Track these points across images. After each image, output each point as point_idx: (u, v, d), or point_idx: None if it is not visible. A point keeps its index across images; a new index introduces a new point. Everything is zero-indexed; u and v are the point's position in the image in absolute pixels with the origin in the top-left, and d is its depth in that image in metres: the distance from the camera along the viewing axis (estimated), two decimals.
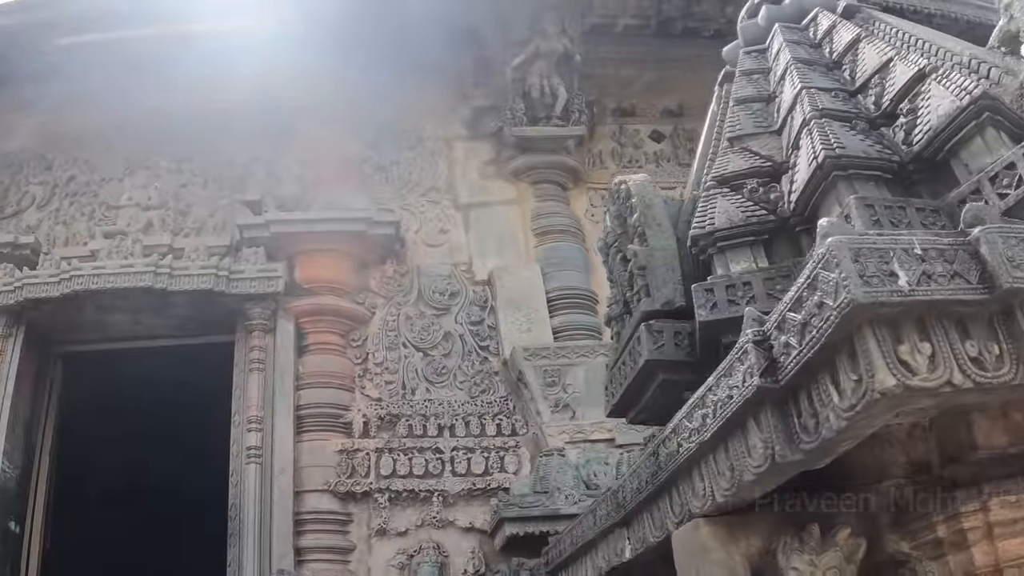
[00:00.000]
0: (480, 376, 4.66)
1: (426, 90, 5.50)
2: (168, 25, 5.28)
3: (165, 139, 5.34)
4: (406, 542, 4.37)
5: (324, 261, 4.76)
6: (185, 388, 5.24)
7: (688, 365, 2.22)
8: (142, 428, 6.02)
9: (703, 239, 2.21)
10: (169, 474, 6.10)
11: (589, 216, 5.23)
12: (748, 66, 2.89)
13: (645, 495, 1.96)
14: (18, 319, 4.92)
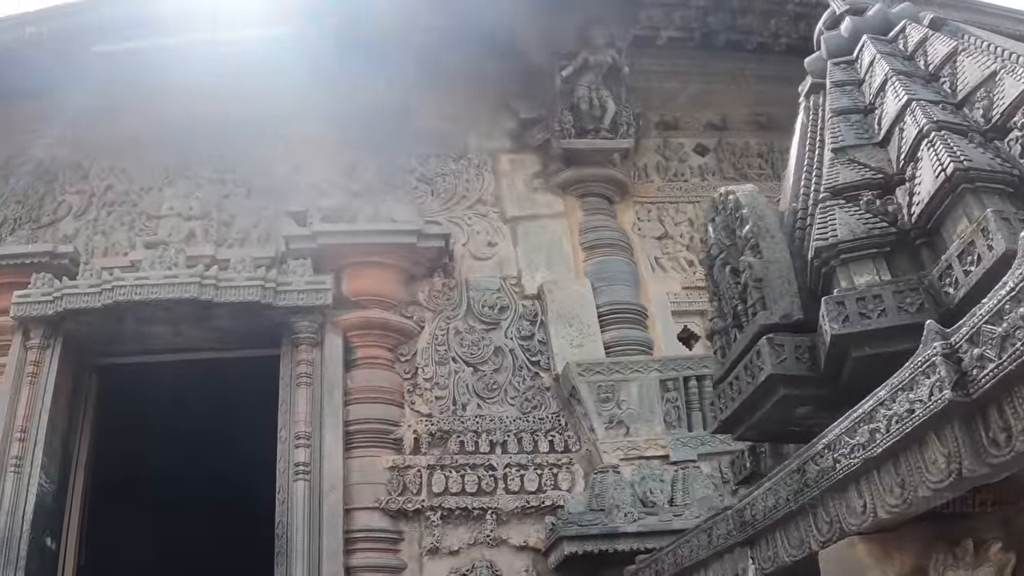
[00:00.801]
0: (531, 392, 4.62)
1: (469, 102, 5.52)
2: (207, 32, 5.28)
3: (205, 148, 5.32)
4: (458, 561, 4.30)
5: (372, 274, 4.73)
6: (226, 402, 5.18)
7: (808, 380, 2.20)
8: (180, 442, 5.94)
9: (826, 251, 2.19)
10: (208, 490, 6.01)
11: (636, 230, 5.23)
12: (839, 77, 2.89)
13: (784, 513, 1.93)
14: (56, 330, 4.85)
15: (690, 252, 5.19)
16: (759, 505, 2.06)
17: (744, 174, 5.53)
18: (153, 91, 5.32)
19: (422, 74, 5.51)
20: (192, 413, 5.66)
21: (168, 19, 5.26)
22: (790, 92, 6.23)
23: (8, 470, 4.54)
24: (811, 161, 2.79)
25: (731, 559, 2.23)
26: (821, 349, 2.15)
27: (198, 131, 5.33)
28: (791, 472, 1.93)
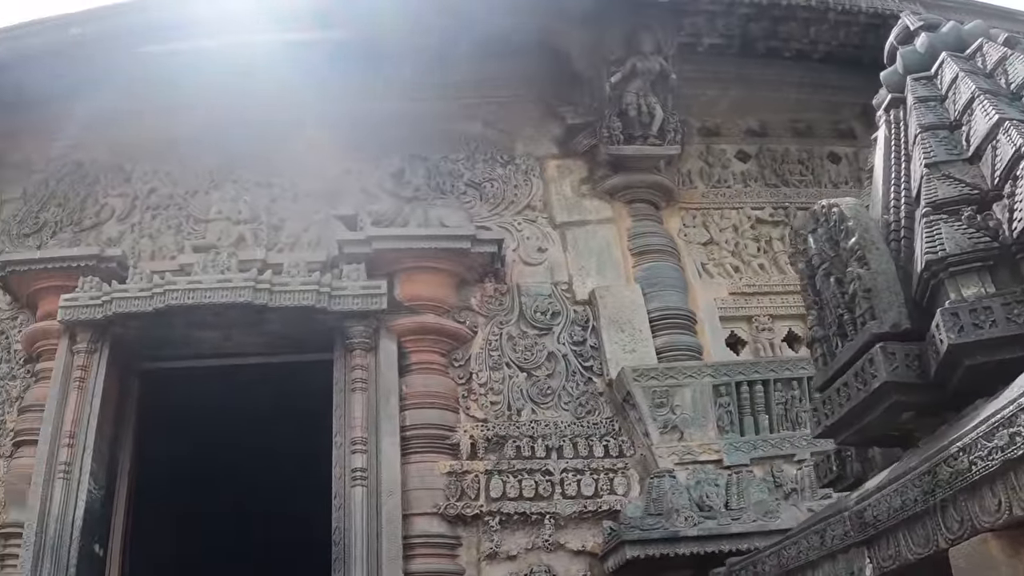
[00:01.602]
0: (585, 397, 4.77)
1: (514, 107, 5.67)
2: (251, 35, 5.37)
3: (249, 152, 5.41)
4: (516, 566, 4.43)
5: (425, 278, 4.85)
6: (273, 407, 5.27)
7: (917, 387, 2.36)
8: (225, 447, 6.01)
9: (935, 264, 2.35)
10: (254, 495, 6.09)
11: (682, 236, 5.39)
12: (922, 93, 3.05)
13: (912, 513, 2.09)
14: (103, 334, 4.93)
15: (735, 258, 5.36)
16: (883, 506, 2.21)
17: (785, 180, 5.72)
18: (194, 93, 5.40)
19: (466, 79, 5.66)
20: (238, 418, 5.74)
21: (209, 21, 5.34)
22: (827, 99, 6.47)
23: (57, 476, 4.60)
24: (898, 174, 2.95)
25: (845, 559, 2.39)
26: (932, 357, 2.31)
27: (241, 134, 5.43)
28: (921, 474, 2.09)
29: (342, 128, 5.47)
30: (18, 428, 4.86)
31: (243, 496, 6.23)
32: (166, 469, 5.47)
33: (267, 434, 5.72)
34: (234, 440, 5.95)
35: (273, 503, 5.99)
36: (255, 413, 5.54)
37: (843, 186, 5.74)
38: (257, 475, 6.06)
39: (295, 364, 5.06)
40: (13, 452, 4.85)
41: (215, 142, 5.43)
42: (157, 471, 5.31)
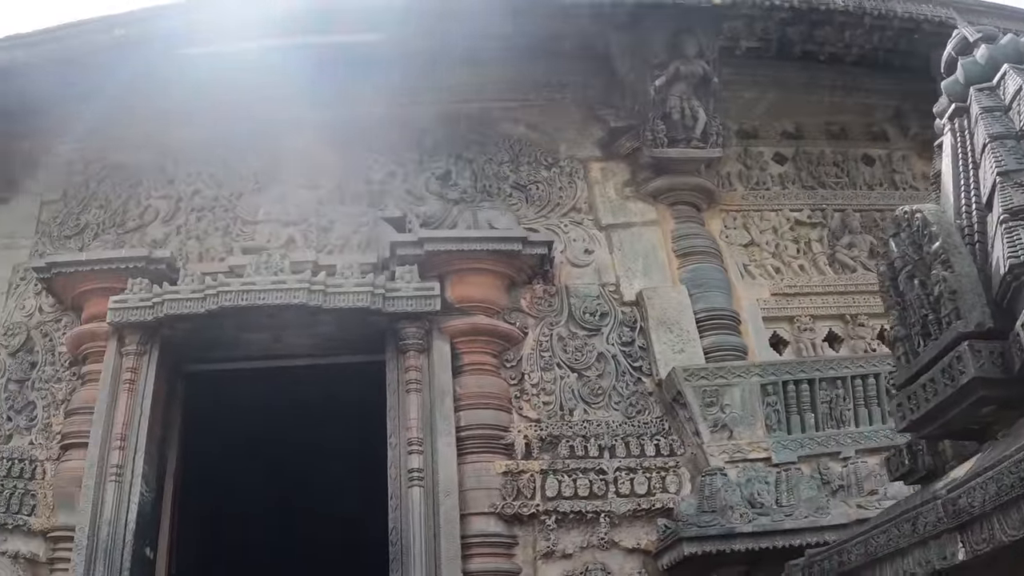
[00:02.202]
0: (635, 397, 4.96)
1: (555, 110, 5.87)
2: (293, 38, 5.52)
3: (294, 153, 5.57)
4: (572, 564, 4.61)
5: (476, 280, 5.02)
6: (321, 408, 5.42)
7: (1000, 382, 2.59)
8: (271, 449, 6.15)
9: (1018, 268, 2.57)
10: (300, 495, 6.23)
11: (724, 237, 5.60)
12: (987, 104, 3.27)
13: (1008, 498, 2.31)
14: (152, 336, 5.06)
15: (776, 259, 5.58)
16: (977, 493, 2.43)
17: (822, 182, 5.95)
18: (235, 95, 5.55)
19: (505, 83, 5.86)
20: (283, 419, 5.89)
21: (250, 24, 5.45)
22: (860, 102, 6.71)
23: (109, 478, 4.73)
24: (967, 181, 3.18)
25: (937, 544, 2.59)
26: (1015, 354, 2.54)
27: (287, 136, 5.60)
28: (1016, 462, 2.30)
29: (385, 130, 5.66)
30: (65, 431, 4.98)
31: (289, 497, 6.37)
32: (211, 470, 5.61)
33: (313, 435, 5.87)
34: (280, 441, 6.10)
35: (319, 503, 6.14)
36: (301, 414, 5.69)
37: (877, 188, 5.99)
38: (303, 475, 6.20)
39: (343, 365, 5.22)
40: (61, 455, 4.97)
41: (258, 144, 5.58)
42: (202, 472, 5.45)
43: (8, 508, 4.87)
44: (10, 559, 4.84)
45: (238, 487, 6.31)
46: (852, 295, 5.51)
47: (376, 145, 5.64)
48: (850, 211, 5.82)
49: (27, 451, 5.04)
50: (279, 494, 6.49)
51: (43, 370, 5.25)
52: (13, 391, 5.25)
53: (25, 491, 4.90)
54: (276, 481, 6.38)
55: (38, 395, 5.20)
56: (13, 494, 4.90)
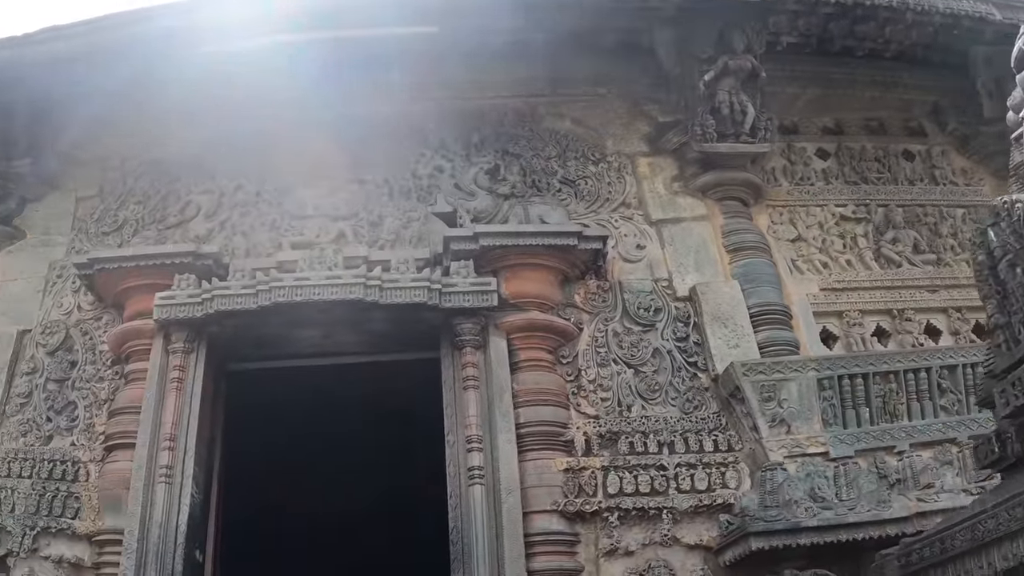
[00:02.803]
0: (691, 392, 4.96)
1: (600, 105, 5.87)
2: (335, 31, 5.49)
3: (338, 148, 5.53)
4: (634, 562, 4.60)
5: (530, 275, 5.00)
6: (367, 407, 5.39)
7: None
8: (314, 448, 6.10)
9: None
10: (346, 497, 6.18)
11: (771, 233, 5.62)
12: None
13: None
14: (200, 334, 5.00)
15: (823, 254, 5.62)
16: None
17: (865, 178, 6.00)
18: (280, 89, 5.50)
19: (547, 77, 5.87)
20: (326, 418, 5.85)
21: (289, 17, 5.42)
22: (899, 97, 6.79)
23: (158, 480, 4.65)
24: None
25: None
26: None
27: (329, 131, 5.56)
28: None
29: (431, 125, 5.65)
30: (110, 431, 4.88)
31: (330, 496, 6.33)
32: (252, 471, 5.56)
33: (357, 433, 5.83)
34: (322, 439, 6.05)
35: (364, 501, 6.10)
36: (345, 412, 5.65)
37: (918, 183, 6.05)
38: (346, 474, 6.16)
39: (391, 363, 5.19)
40: (105, 456, 4.87)
41: (301, 139, 5.52)
42: (243, 473, 5.40)
43: (51, 511, 4.75)
44: (53, 564, 4.73)
45: (280, 487, 6.26)
46: (898, 290, 5.57)
47: (421, 139, 5.62)
48: (893, 206, 5.88)
49: (69, 452, 4.93)
50: (321, 493, 6.44)
51: (84, 369, 5.15)
52: (52, 391, 5.14)
53: (68, 493, 4.79)
54: (318, 480, 6.34)
55: (79, 395, 5.09)
56: (56, 497, 4.78)
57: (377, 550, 5.88)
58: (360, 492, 6.23)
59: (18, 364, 5.28)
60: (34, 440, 5.04)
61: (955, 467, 4.95)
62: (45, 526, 4.72)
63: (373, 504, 6.02)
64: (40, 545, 4.73)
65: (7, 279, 5.59)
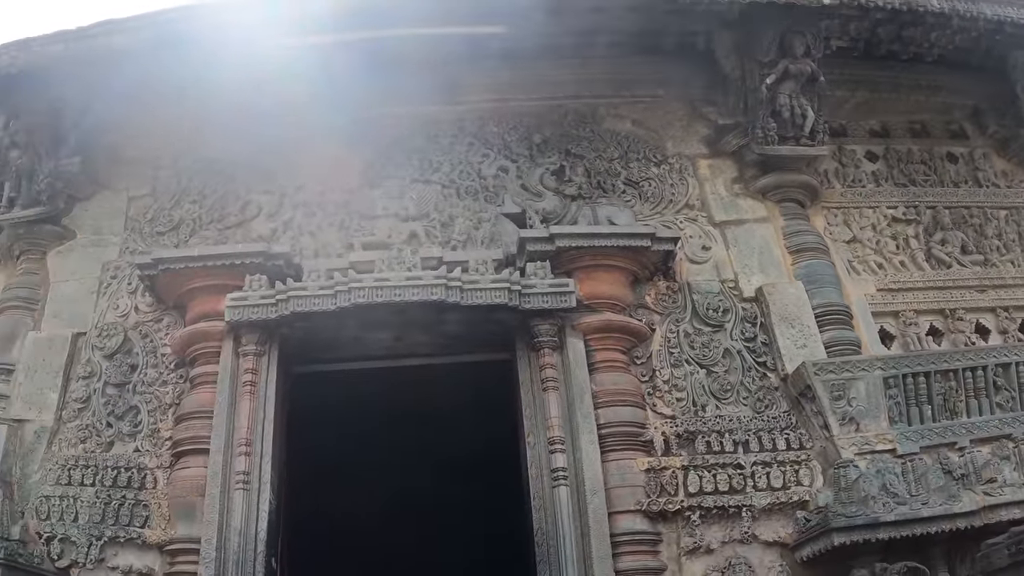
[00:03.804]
0: (762, 392, 5.08)
1: (659, 107, 5.98)
2: (392, 29, 5.51)
3: (402, 148, 5.57)
4: (714, 560, 4.72)
5: (603, 276, 5.07)
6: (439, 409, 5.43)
7: None
8: (378, 451, 6.09)
9: None
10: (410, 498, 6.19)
11: (828, 234, 5.78)
12: None
13: None
14: (271, 335, 4.99)
15: (878, 255, 5.82)
16: None
17: (913, 180, 6.20)
18: (340, 88, 5.49)
19: (610, 79, 5.97)
20: (392, 420, 5.87)
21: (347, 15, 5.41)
22: (942, 100, 7.05)
23: (235, 487, 4.62)
24: None
25: None
26: None
27: (391, 130, 5.59)
28: None
29: (493, 125, 5.71)
30: (178, 437, 4.83)
31: (396, 499, 6.33)
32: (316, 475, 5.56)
33: (424, 435, 5.86)
34: (387, 441, 6.06)
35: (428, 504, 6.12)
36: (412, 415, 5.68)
37: (963, 185, 6.28)
38: (412, 477, 6.18)
39: (460, 365, 5.24)
40: (174, 463, 4.82)
41: (362, 138, 5.54)
42: (308, 478, 5.40)
43: (117, 520, 4.70)
44: (122, 574, 4.69)
45: (344, 491, 6.26)
46: (950, 290, 5.78)
47: (483, 140, 5.67)
48: (940, 208, 6.10)
49: (134, 459, 4.87)
50: (385, 497, 6.45)
51: (145, 373, 5.09)
52: (112, 395, 5.07)
53: (136, 501, 4.74)
54: (383, 483, 6.34)
55: (141, 399, 5.03)
56: (122, 505, 4.73)
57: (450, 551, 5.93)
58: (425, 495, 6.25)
59: (74, 368, 5.20)
60: (94, 446, 4.97)
61: (1012, 462, 5.19)
62: (112, 535, 4.67)
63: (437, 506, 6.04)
64: (107, 555, 4.67)
65: (58, 280, 5.49)
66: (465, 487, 6.31)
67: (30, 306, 5.42)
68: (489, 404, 5.23)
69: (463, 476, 6.20)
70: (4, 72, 5.25)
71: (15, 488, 4.94)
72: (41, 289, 5.49)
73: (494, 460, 5.48)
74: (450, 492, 6.40)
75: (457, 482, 6.31)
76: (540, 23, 5.44)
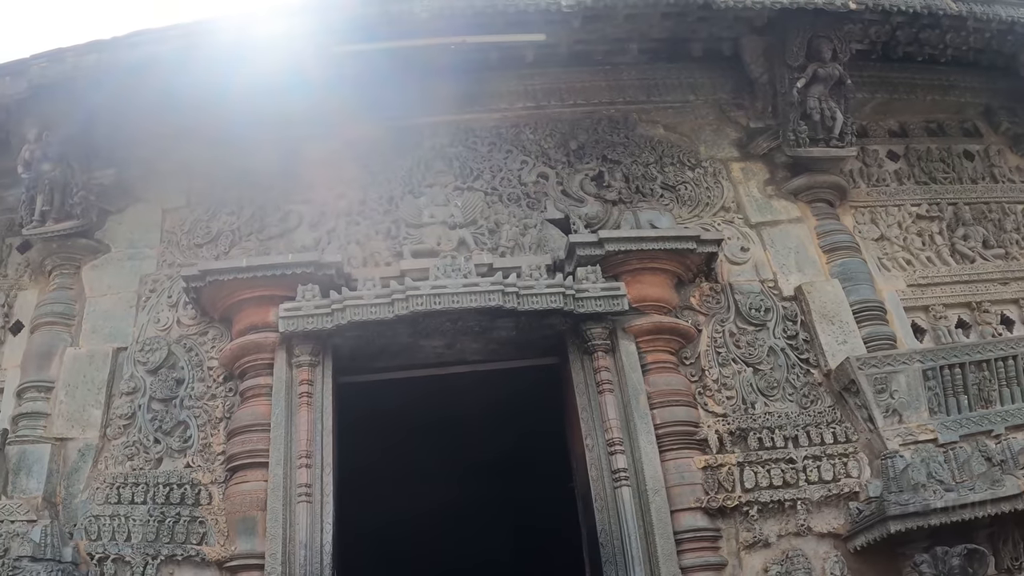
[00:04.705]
0: (807, 388, 5.31)
1: (689, 112, 6.22)
2: (438, 37, 5.67)
3: (440, 155, 5.73)
4: (771, 553, 4.93)
5: (649, 279, 5.27)
6: (479, 414, 5.58)
7: None
8: (423, 457, 6.19)
9: None
10: (460, 503, 6.29)
11: (857, 232, 6.09)
12: None
13: None
14: (324, 346, 5.11)
15: (905, 252, 6.14)
16: None
17: (933, 178, 6.55)
18: (368, 96, 5.64)
19: (640, 85, 6.21)
20: (440, 427, 5.99)
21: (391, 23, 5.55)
22: (955, 100, 7.44)
23: (297, 500, 4.70)
24: None
25: None
26: None
27: (427, 138, 5.75)
28: None
29: (529, 132, 5.91)
30: (233, 451, 4.88)
31: (440, 506, 6.44)
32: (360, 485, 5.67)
33: (486, 442, 5.99)
34: (432, 448, 6.18)
35: (475, 510, 6.24)
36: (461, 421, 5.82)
37: (980, 182, 6.63)
38: (456, 483, 6.30)
39: (515, 370, 5.41)
40: (229, 477, 4.88)
41: (399, 146, 5.69)
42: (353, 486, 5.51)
43: (173, 538, 4.72)
44: None
45: (387, 500, 6.34)
46: (975, 284, 6.11)
47: (520, 147, 5.84)
48: (961, 204, 6.44)
49: (186, 475, 4.91)
50: (427, 501, 6.55)
51: (192, 387, 5.14)
52: (158, 411, 5.11)
53: (191, 518, 4.77)
54: (429, 492, 6.45)
55: (190, 414, 5.08)
56: (177, 522, 4.76)
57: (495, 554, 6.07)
58: (470, 501, 6.38)
59: (116, 384, 5.23)
60: (142, 463, 5.00)
61: None
62: (169, 554, 4.70)
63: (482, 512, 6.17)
64: (163, 574, 4.69)
65: (96, 295, 5.51)
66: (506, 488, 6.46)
67: (67, 322, 5.43)
68: (530, 408, 5.39)
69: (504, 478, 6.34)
70: (36, 83, 5.27)
71: (60, 508, 4.96)
72: (77, 304, 5.50)
73: (536, 462, 5.65)
74: (489, 494, 6.54)
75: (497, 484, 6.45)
76: (575, 30, 5.66)
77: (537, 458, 5.54)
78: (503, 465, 6.29)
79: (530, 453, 5.50)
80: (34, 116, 5.40)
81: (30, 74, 5.30)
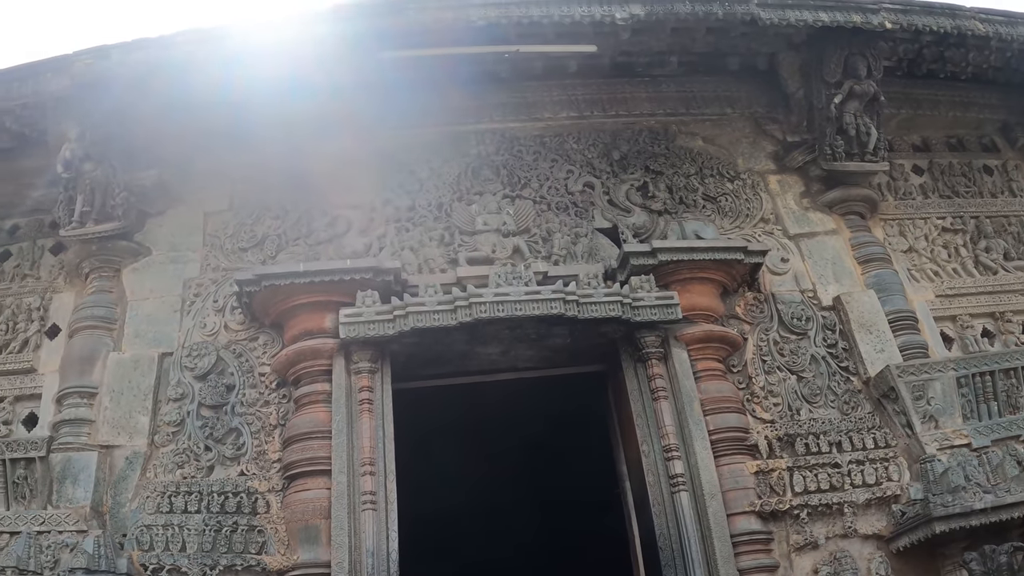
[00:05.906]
0: (847, 395, 5.74)
1: (726, 125, 6.63)
2: (486, 46, 6.01)
3: (488, 164, 6.05)
4: (819, 555, 5.34)
5: (698, 289, 5.64)
6: (539, 422, 5.91)
7: None
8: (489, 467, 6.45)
9: None
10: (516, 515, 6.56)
11: (887, 244, 6.62)
12: None
13: None
14: (383, 352, 5.37)
15: (933, 264, 6.71)
16: None
17: (956, 192, 7.11)
18: (418, 102, 5.96)
19: (679, 98, 6.63)
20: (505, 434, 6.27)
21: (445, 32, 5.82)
22: (974, 116, 8.09)
23: (361, 507, 4.91)
24: None
25: None
26: None
27: (474, 146, 6.07)
28: None
29: (573, 142, 6.27)
30: (291, 459, 5.06)
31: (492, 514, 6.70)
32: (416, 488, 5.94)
33: (536, 449, 6.29)
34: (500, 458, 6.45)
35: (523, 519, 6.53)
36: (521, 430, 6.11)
37: (999, 196, 7.21)
38: (505, 492, 6.57)
39: (565, 376, 5.75)
40: (287, 485, 5.06)
41: (446, 152, 6.01)
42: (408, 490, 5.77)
43: (231, 547, 4.87)
44: None
45: (439, 508, 6.60)
46: (998, 295, 6.66)
47: (565, 156, 6.19)
48: (982, 217, 7.00)
49: (241, 483, 5.07)
50: (479, 513, 6.82)
51: (243, 393, 5.32)
52: (209, 418, 5.28)
53: (249, 527, 4.94)
54: (477, 500, 6.71)
55: (242, 421, 5.26)
56: (235, 531, 4.92)
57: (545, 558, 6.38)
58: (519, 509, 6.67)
59: (162, 389, 5.37)
60: (194, 471, 5.15)
61: None
62: (228, 564, 4.84)
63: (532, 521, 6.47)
64: None
65: (138, 299, 5.66)
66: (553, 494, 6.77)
67: (108, 325, 5.56)
68: (579, 414, 5.74)
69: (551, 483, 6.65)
70: (79, 80, 5.42)
71: (107, 518, 5.10)
72: (118, 308, 5.63)
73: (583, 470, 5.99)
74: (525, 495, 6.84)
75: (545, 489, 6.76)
76: (623, 42, 6.06)
77: (574, 462, 5.88)
78: (538, 464, 6.58)
79: (570, 456, 5.84)
80: (76, 114, 5.51)
81: (73, 71, 5.45)
